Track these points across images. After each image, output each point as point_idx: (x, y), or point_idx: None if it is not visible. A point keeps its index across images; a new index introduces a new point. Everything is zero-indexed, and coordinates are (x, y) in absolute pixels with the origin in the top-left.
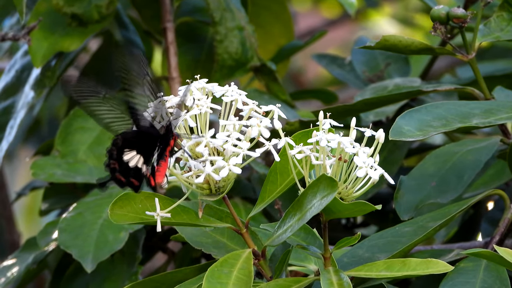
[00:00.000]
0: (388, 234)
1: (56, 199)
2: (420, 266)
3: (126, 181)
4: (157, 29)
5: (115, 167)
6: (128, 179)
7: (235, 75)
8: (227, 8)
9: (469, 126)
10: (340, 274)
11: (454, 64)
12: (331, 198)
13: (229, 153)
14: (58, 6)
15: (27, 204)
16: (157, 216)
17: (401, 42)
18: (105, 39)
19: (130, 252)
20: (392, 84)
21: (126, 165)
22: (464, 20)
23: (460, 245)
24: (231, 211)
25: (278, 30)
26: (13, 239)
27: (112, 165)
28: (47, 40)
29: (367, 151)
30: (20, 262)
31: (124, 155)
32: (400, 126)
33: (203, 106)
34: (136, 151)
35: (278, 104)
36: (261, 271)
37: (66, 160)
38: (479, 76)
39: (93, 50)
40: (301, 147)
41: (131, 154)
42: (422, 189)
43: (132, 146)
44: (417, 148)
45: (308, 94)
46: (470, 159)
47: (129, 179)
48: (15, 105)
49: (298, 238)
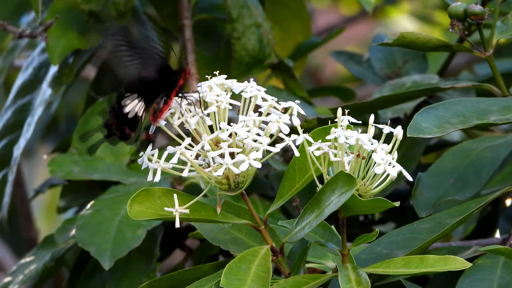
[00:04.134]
0: (406, 231)
1: (73, 197)
2: (438, 263)
3: (117, 128)
4: (175, 26)
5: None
6: (120, 127)
7: (253, 72)
8: (245, 5)
9: (487, 123)
10: (358, 271)
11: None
12: (349, 194)
13: (249, 147)
14: (76, 3)
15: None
16: (176, 212)
17: (419, 39)
18: None
19: (148, 250)
20: (410, 81)
21: (124, 115)
22: (481, 17)
23: (478, 242)
24: (249, 207)
25: (296, 27)
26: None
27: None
28: (64, 37)
29: (385, 148)
30: (38, 260)
31: (124, 108)
32: (418, 123)
33: (223, 102)
34: (138, 99)
35: (297, 101)
36: (279, 268)
37: (83, 157)
38: (496, 73)
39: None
40: (319, 143)
41: (133, 103)
42: (440, 186)
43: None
44: (435, 145)
45: (326, 91)
46: (488, 156)
47: (121, 127)
48: (32, 102)
49: (316, 235)
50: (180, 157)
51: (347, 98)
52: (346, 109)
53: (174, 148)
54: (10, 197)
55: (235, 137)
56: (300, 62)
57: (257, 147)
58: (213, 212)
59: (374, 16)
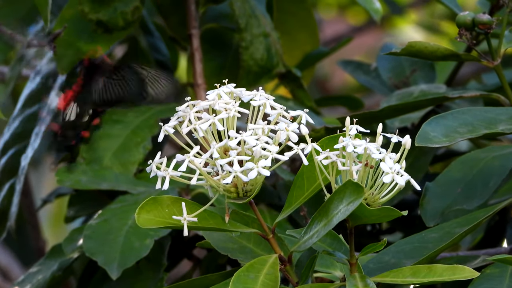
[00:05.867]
0: (414, 240)
1: (81, 206)
2: (446, 272)
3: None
4: (183, 35)
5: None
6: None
7: (261, 82)
8: (253, 15)
9: (495, 132)
10: (366, 280)
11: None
12: (357, 203)
13: (258, 155)
14: (84, 13)
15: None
16: (184, 220)
17: (427, 48)
18: (130, 45)
19: (156, 259)
20: (418, 91)
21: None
22: (489, 26)
23: (486, 252)
24: (257, 216)
25: (303, 36)
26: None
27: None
28: (72, 47)
29: (393, 157)
30: (45, 269)
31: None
32: (426, 132)
33: (231, 110)
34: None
35: (306, 109)
36: (287, 277)
37: (91, 167)
38: (504, 82)
39: (118, 56)
40: (327, 152)
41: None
42: (448, 195)
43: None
44: (443, 154)
45: (334, 101)
46: (496, 165)
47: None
48: (40, 112)
49: (324, 244)
50: (189, 165)
51: (355, 107)
52: (354, 118)
53: (183, 156)
54: (18, 206)
55: (244, 145)
56: (308, 71)
57: (266, 155)
58: (222, 220)
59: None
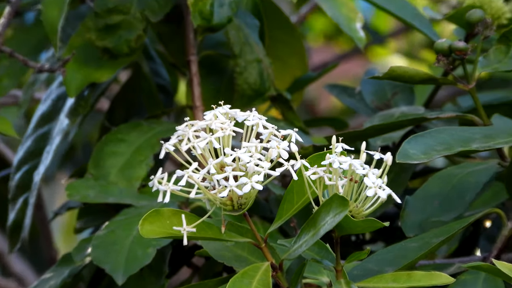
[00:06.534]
0: (395, 249)
1: (89, 218)
2: (424, 278)
3: None
4: (182, 61)
5: None
6: None
7: (254, 104)
8: (246, 42)
9: (470, 150)
10: (351, 285)
11: (456, 93)
12: (343, 215)
13: (251, 171)
14: (91, 40)
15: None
16: (184, 231)
17: (407, 72)
18: (134, 71)
19: (158, 267)
20: (399, 112)
21: None
22: (465, 53)
23: (461, 260)
24: (251, 227)
25: (293, 62)
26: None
27: None
28: (80, 71)
29: (376, 173)
30: (56, 276)
31: None
32: (406, 149)
33: (227, 129)
34: None
35: (295, 129)
36: (278, 283)
37: (98, 182)
38: (478, 104)
39: (123, 81)
40: (315, 168)
41: None
42: (426, 208)
43: None
44: (421, 170)
45: (321, 122)
46: (471, 180)
47: None
48: (51, 131)
49: (312, 252)
50: (188, 180)
51: (340, 128)
52: (340, 137)
53: (182, 172)
54: (31, 218)
55: (238, 162)
56: (297, 95)
57: (258, 171)
58: (218, 231)
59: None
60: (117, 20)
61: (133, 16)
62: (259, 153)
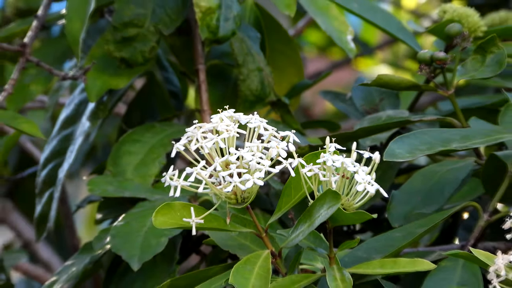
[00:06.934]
0: (382, 239)
1: (108, 211)
2: (408, 265)
3: None
4: (191, 70)
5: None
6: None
7: (255, 108)
8: (249, 53)
9: (449, 149)
10: (342, 271)
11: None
12: (335, 208)
13: (253, 168)
14: (109, 51)
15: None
16: (193, 222)
17: (393, 80)
18: (148, 78)
19: (169, 254)
20: (385, 115)
21: None
22: (445, 62)
23: (441, 248)
24: (253, 218)
25: (291, 71)
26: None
27: None
28: (100, 79)
29: (365, 170)
30: (78, 263)
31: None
32: (393, 149)
33: (231, 131)
34: None
35: (293, 131)
36: (277, 269)
37: (116, 178)
38: (457, 108)
39: (138, 87)
40: (311, 166)
41: None
42: (410, 201)
43: None
44: (405, 168)
45: (316, 124)
46: (450, 177)
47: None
48: (74, 133)
49: (308, 241)
50: (197, 176)
51: (333, 129)
52: (333, 138)
53: (191, 169)
54: (56, 211)
55: (242, 160)
56: (294, 100)
57: (260, 168)
58: (224, 222)
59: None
60: (132, 33)
61: (147, 29)
62: (260, 152)
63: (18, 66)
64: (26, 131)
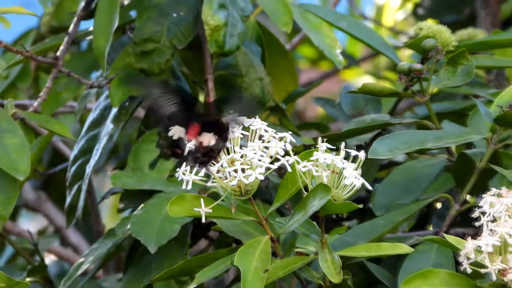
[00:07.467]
0: (366, 226)
1: (129, 201)
2: (390, 248)
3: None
4: (201, 79)
5: (163, 143)
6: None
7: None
8: (251, 65)
9: (425, 148)
10: (332, 254)
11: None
12: (326, 199)
13: (255, 165)
14: (130, 63)
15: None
16: (202, 212)
17: (376, 88)
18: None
19: (182, 239)
20: (369, 119)
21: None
22: (421, 73)
23: (418, 234)
24: (255, 208)
25: (287, 80)
26: (99, 230)
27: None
28: (122, 87)
29: (352, 166)
30: (103, 246)
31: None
32: (376, 148)
33: (236, 132)
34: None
35: (289, 132)
36: (276, 252)
37: (136, 173)
38: (432, 113)
39: None
40: (305, 163)
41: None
42: (391, 193)
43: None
44: (386, 164)
45: (309, 126)
46: (425, 172)
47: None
48: (99, 134)
49: (302, 228)
50: (206, 171)
51: (324, 131)
52: (324, 138)
53: None
54: (84, 201)
55: (245, 158)
56: (290, 105)
57: (261, 165)
58: (229, 211)
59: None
60: (150, 47)
61: (163, 44)
62: (261, 151)
63: (52, 76)
64: (58, 132)
